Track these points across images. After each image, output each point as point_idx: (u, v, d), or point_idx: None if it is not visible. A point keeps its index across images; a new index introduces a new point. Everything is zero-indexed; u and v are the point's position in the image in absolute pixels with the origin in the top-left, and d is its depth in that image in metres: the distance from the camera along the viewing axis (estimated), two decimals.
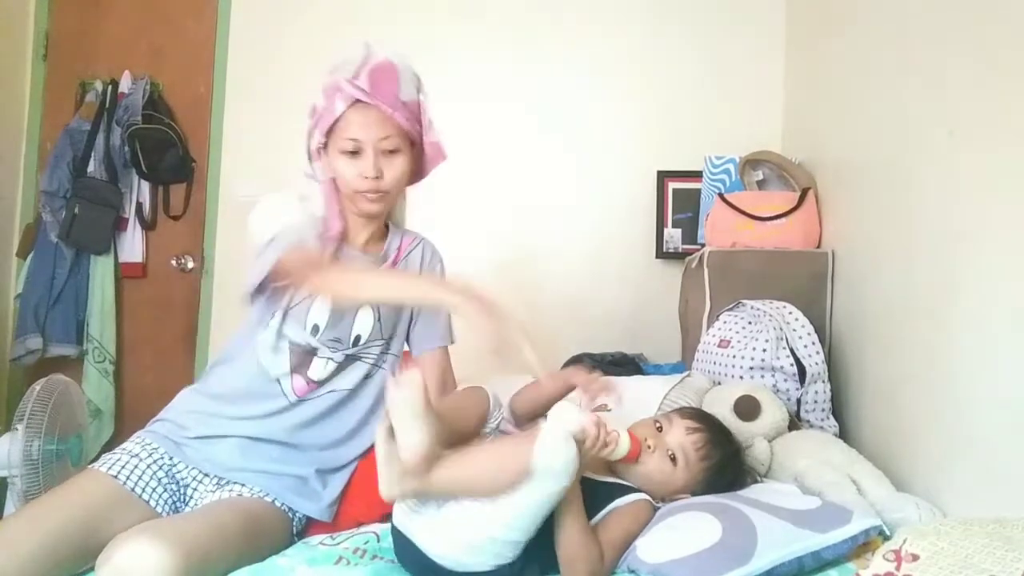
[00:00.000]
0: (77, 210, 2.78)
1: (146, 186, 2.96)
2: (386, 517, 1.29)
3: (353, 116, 1.38)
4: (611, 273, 2.76)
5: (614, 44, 2.80)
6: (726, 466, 1.36)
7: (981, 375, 1.36)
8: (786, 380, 1.85)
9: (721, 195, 2.31)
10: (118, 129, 2.87)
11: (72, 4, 3.05)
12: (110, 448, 1.40)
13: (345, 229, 1.47)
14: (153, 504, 1.33)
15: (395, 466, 1.07)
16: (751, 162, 2.44)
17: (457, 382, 1.58)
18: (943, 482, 1.45)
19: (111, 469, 1.33)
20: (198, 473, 1.40)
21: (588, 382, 1.29)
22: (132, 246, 2.96)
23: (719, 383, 1.92)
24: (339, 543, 1.29)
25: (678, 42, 2.78)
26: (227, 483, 1.38)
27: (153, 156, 2.87)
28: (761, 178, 2.46)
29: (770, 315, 1.93)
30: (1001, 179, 1.31)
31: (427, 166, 1.51)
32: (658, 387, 1.84)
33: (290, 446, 1.43)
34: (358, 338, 1.48)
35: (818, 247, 2.22)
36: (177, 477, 1.39)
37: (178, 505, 1.38)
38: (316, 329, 1.44)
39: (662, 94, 2.77)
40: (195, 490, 1.39)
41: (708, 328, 2.09)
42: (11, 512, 1.84)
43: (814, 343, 1.89)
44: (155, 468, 1.36)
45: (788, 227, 2.21)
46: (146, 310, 3.00)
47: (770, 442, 1.64)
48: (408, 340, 1.58)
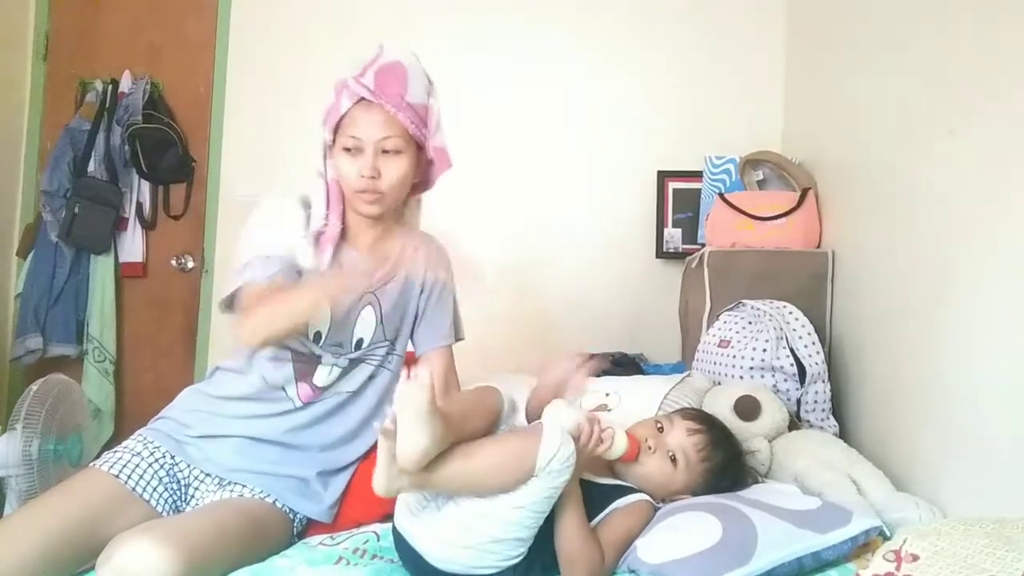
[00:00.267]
0: (77, 210, 2.78)
1: (146, 186, 2.96)
2: (386, 517, 1.29)
3: (357, 114, 1.37)
4: (611, 273, 2.76)
5: (614, 44, 2.80)
6: (727, 468, 1.36)
7: (981, 375, 1.36)
8: (786, 380, 1.85)
9: (721, 195, 2.31)
10: (118, 129, 2.87)
11: (72, 4, 3.04)
12: (110, 448, 1.40)
13: (346, 230, 1.45)
14: (154, 503, 1.32)
15: (392, 464, 1.07)
16: (751, 162, 2.44)
17: (460, 383, 1.58)
18: (943, 482, 1.45)
19: (112, 468, 1.32)
20: (200, 473, 1.39)
21: (568, 377, 1.29)
22: (132, 246, 2.96)
23: (719, 383, 1.92)
24: (339, 543, 1.29)
25: (678, 42, 2.77)
26: (228, 483, 1.38)
27: (153, 156, 2.87)
28: (761, 178, 2.46)
29: (770, 315, 1.93)
30: (1001, 179, 1.31)
31: (434, 174, 1.50)
32: (658, 387, 1.83)
33: (291, 447, 1.43)
34: (360, 342, 1.47)
35: (818, 247, 2.21)
36: (178, 476, 1.38)
37: (179, 505, 1.37)
38: (319, 336, 1.43)
39: (662, 94, 2.77)
40: (196, 490, 1.39)
41: (708, 328, 2.09)
42: (11, 511, 1.84)
43: (814, 343, 1.89)
44: (156, 467, 1.36)
45: (788, 227, 2.21)
46: (146, 310, 3.00)
47: (770, 442, 1.64)
48: (412, 339, 1.57)
